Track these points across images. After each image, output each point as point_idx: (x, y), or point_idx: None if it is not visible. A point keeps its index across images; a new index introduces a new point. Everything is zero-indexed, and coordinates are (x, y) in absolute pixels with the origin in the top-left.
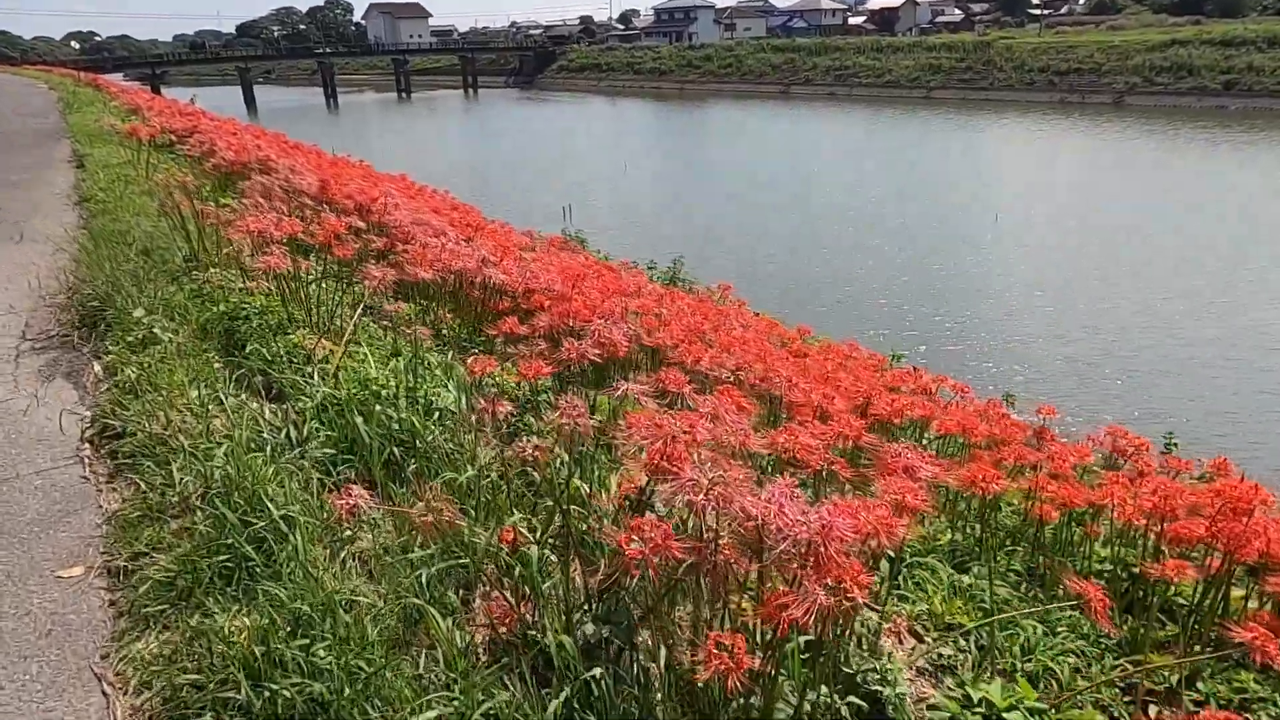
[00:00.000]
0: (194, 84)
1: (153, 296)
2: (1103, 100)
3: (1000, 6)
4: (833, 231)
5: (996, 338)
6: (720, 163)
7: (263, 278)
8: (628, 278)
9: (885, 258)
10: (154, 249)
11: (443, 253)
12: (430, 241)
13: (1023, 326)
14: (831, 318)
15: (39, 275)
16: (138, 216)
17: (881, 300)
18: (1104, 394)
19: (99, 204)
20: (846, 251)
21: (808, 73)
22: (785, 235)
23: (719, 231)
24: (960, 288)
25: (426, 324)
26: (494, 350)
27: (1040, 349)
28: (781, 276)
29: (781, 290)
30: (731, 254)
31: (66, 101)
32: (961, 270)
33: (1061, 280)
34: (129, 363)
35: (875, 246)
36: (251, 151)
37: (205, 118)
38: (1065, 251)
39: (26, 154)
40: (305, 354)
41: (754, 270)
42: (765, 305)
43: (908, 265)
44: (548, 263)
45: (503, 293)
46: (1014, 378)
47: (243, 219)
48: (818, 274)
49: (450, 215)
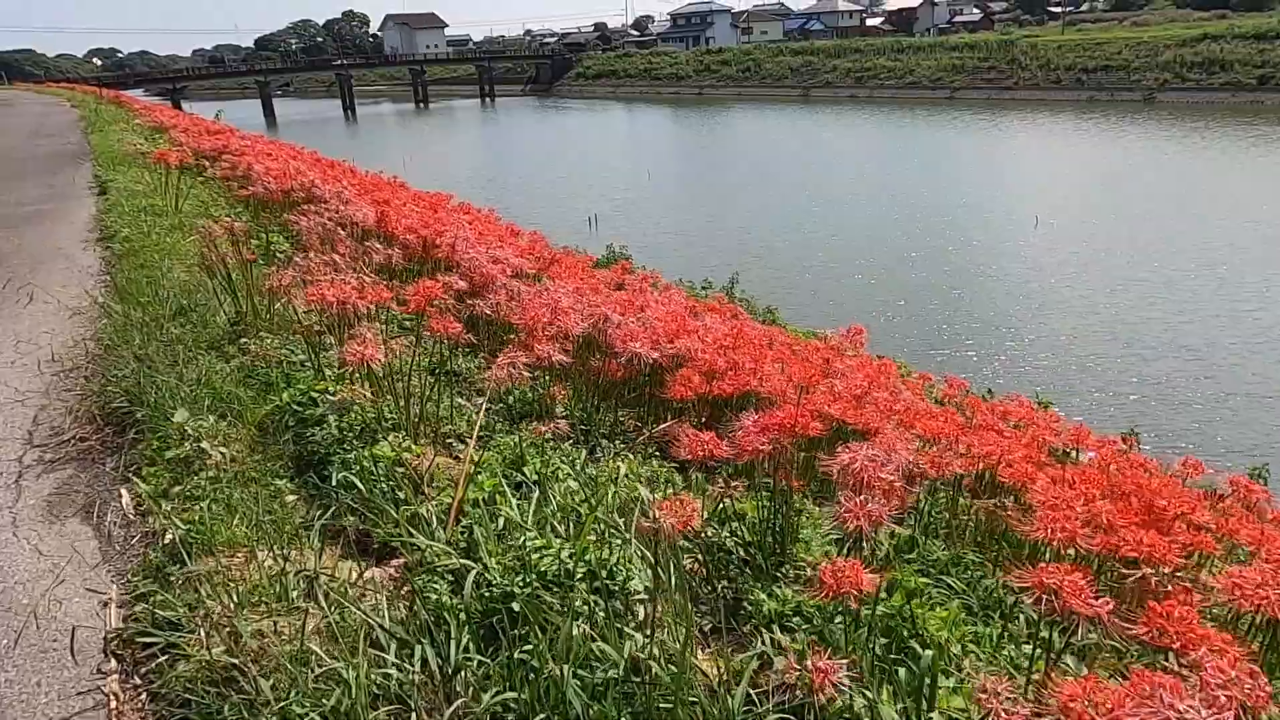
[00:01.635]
0: (213, 98)
1: (195, 383)
2: (1133, 97)
3: (1019, 5)
4: (870, 238)
5: (1069, 357)
6: (745, 168)
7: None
8: (782, 337)
9: (932, 267)
10: (191, 305)
11: (556, 313)
12: (515, 287)
13: (1094, 344)
14: (887, 334)
15: (53, 347)
16: (168, 259)
17: (931, 310)
18: (1190, 419)
19: (124, 243)
20: (888, 261)
21: (827, 75)
22: (820, 242)
23: (750, 239)
24: (1015, 300)
25: (544, 409)
26: (627, 440)
27: (1117, 367)
28: (822, 287)
29: (825, 303)
30: (763, 262)
31: (88, 120)
32: (1013, 281)
33: (1123, 289)
34: (168, 496)
35: (919, 256)
36: (293, 176)
37: (234, 136)
38: (1123, 259)
39: (46, 180)
40: (411, 476)
41: (793, 280)
42: (810, 320)
43: (956, 275)
44: (676, 316)
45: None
46: (1103, 406)
47: (315, 284)
48: (860, 284)
49: (512, 243)
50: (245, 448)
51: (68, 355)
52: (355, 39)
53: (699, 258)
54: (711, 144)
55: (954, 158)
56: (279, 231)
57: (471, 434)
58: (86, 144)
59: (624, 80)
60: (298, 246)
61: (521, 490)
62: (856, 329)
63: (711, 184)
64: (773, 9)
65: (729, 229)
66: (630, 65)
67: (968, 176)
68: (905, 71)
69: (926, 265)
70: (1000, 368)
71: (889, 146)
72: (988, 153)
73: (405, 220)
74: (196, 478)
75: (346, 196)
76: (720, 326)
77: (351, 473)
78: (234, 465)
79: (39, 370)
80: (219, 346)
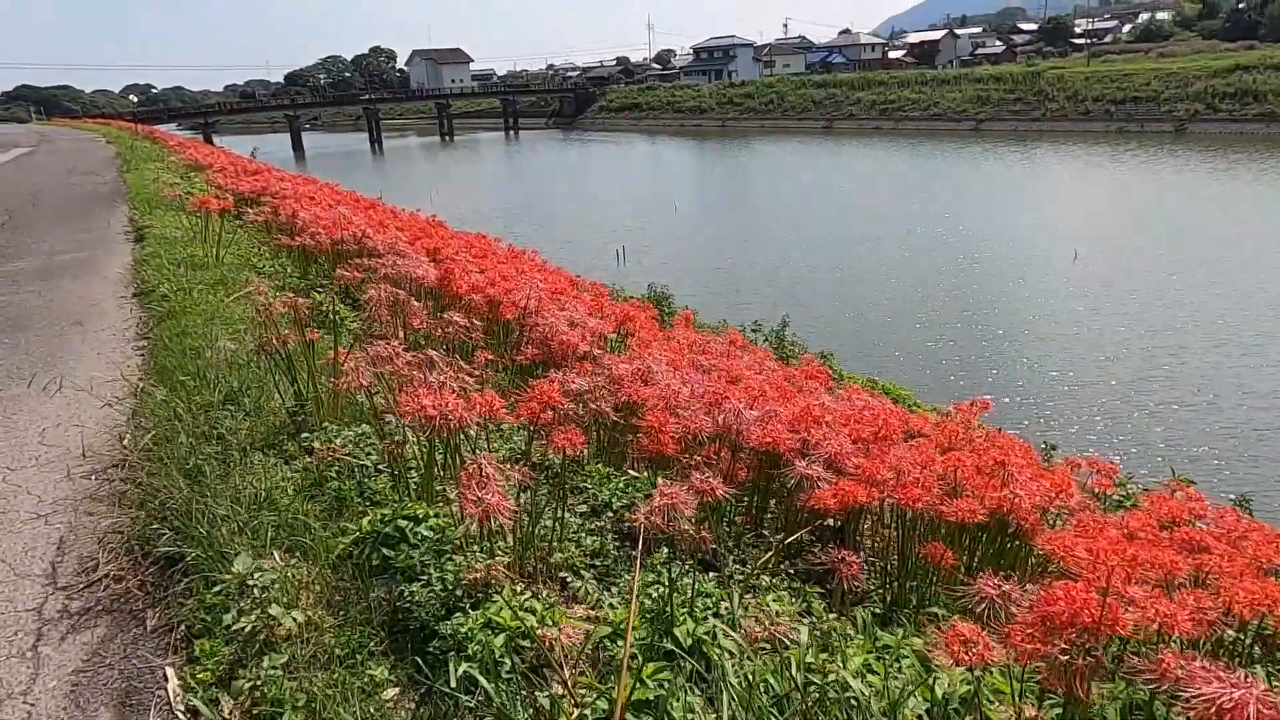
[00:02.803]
0: (244, 132)
1: (252, 504)
2: (1164, 128)
3: (1042, 37)
4: (910, 275)
5: (1132, 403)
6: (773, 201)
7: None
8: (899, 413)
9: (974, 304)
10: (242, 387)
11: (668, 399)
12: (604, 360)
13: (1159, 390)
14: (936, 378)
15: (84, 440)
16: (212, 323)
17: (977, 349)
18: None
19: (162, 302)
20: (929, 298)
21: (851, 107)
22: (859, 278)
23: (785, 275)
24: (1062, 340)
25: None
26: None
27: (1188, 417)
28: (866, 328)
29: (869, 344)
30: (800, 298)
31: (124, 157)
32: (1056, 319)
33: (1182, 329)
34: (229, 688)
35: (960, 292)
36: (343, 225)
37: (273, 176)
38: (1175, 296)
39: (80, 224)
40: (544, 656)
41: (835, 319)
42: (857, 363)
43: (998, 312)
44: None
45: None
46: (1179, 461)
47: (408, 390)
48: (903, 324)
49: (575, 295)
50: (322, 603)
51: (102, 449)
52: (382, 74)
53: (734, 293)
54: (737, 176)
55: (989, 190)
56: (331, 287)
57: (609, 581)
58: (122, 183)
59: (647, 113)
60: (355, 306)
61: (674, 663)
62: (982, 403)
63: (740, 217)
64: (795, 42)
65: (762, 264)
66: (653, 98)
67: (1004, 209)
68: (930, 103)
69: (969, 302)
70: (1055, 413)
71: (920, 179)
72: (1023, 185)
73: (470, 278)
74: (264, 661)
75: (400, 247)
76: (846, 408)
77: (472, 661)
78: (311, 635)
79: (68, 474)
80: (278, 443)
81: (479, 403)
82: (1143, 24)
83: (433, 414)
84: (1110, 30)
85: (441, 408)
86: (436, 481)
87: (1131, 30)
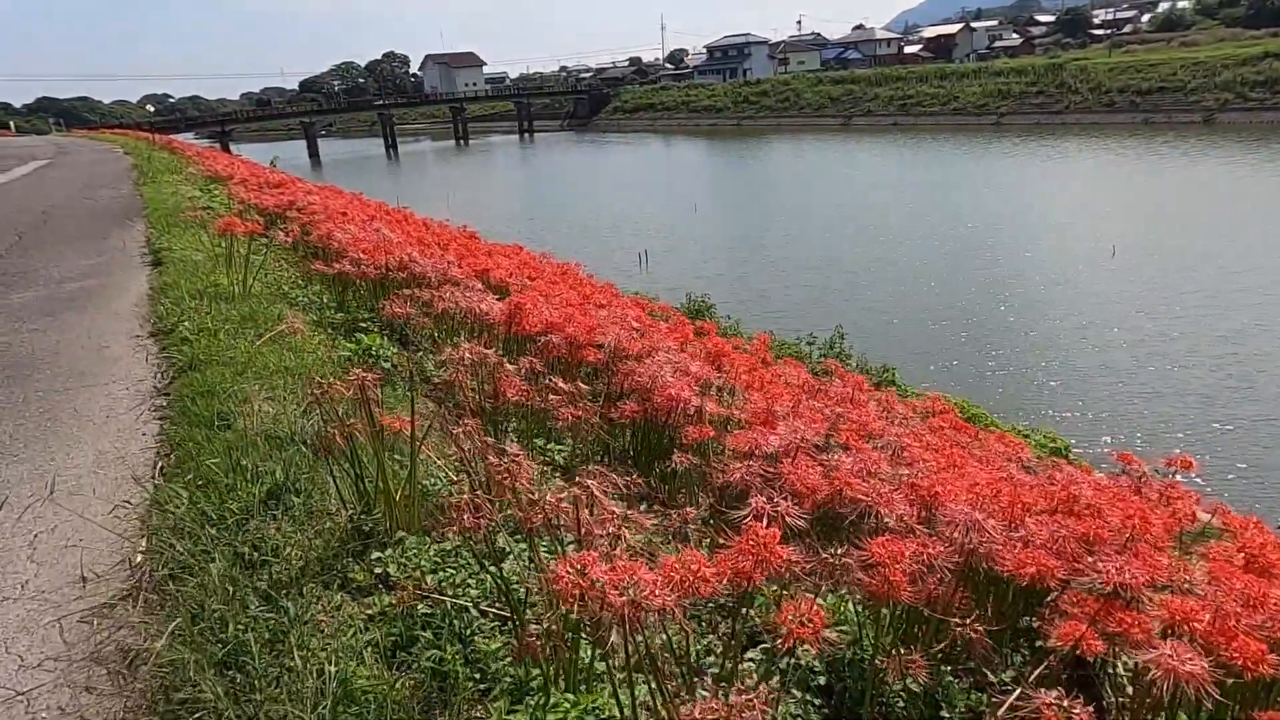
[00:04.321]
0: (260, 140)
1: (320, 692)
2: (1192, 119)
3: (1060, 28)
4: (946, 276)
5: (1203, 416)
6: (794, 199)
7: None
8: None
9: (1013, 305)
10: (290, 480)
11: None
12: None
13: (1218, 398)
14: (980, 387)
15: (83, 567)
16: (243, 377)
17: (1020, 355)
18: None
19: (183, 347)
20: (968, 299)
21: (869, 104)
22: (894, 280)
23: (812, 275)
24: (1102, 342)
25: None
26: None
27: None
28: (909, 335)
29: (913, 353)
30: (828, 301)
31: (141, 169)
32: (1097, 320)
33: (1237, 338)
34: None
35: (998, 292)
36: (387, 249)
37: (299, 188)
38: (1230, 299)
39: (94, 244)
40: None
41: (875, 326)
42: (912, 374)
43: (1037, 313)
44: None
45: None
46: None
47: (561, 563)
48: (943, 329)
49: (647, 322)
50: None
51: (108, 572)
52: (396, 79)
53: (763, 299)
54: (755, 175)
55: (1019, 185)
56: (373, 323)
57: None
58: (139, 196)
59: (661, 113)
60: (403, 342)
61: None
62: (1184, 461)
63: (761, 217)
64: (809, 39)
65: (789, 265)
66: (668, 98)
67: (1037, 205)
68: (949, 98)
69: (1009, 303)
70: (1124, 426)
71: (947, 175)
72: (1054, 179)
73: (540, 313)
74: None
75: (453, 273)
76: (1047, 485)
77: None
78: None
79: (58, 622)
80: (341, 568)
81: (676, 572)
82: (1163, 13)
83: (616, 601)
84: (1130, 20)
85: (624, 585)
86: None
87: (1152, 20)
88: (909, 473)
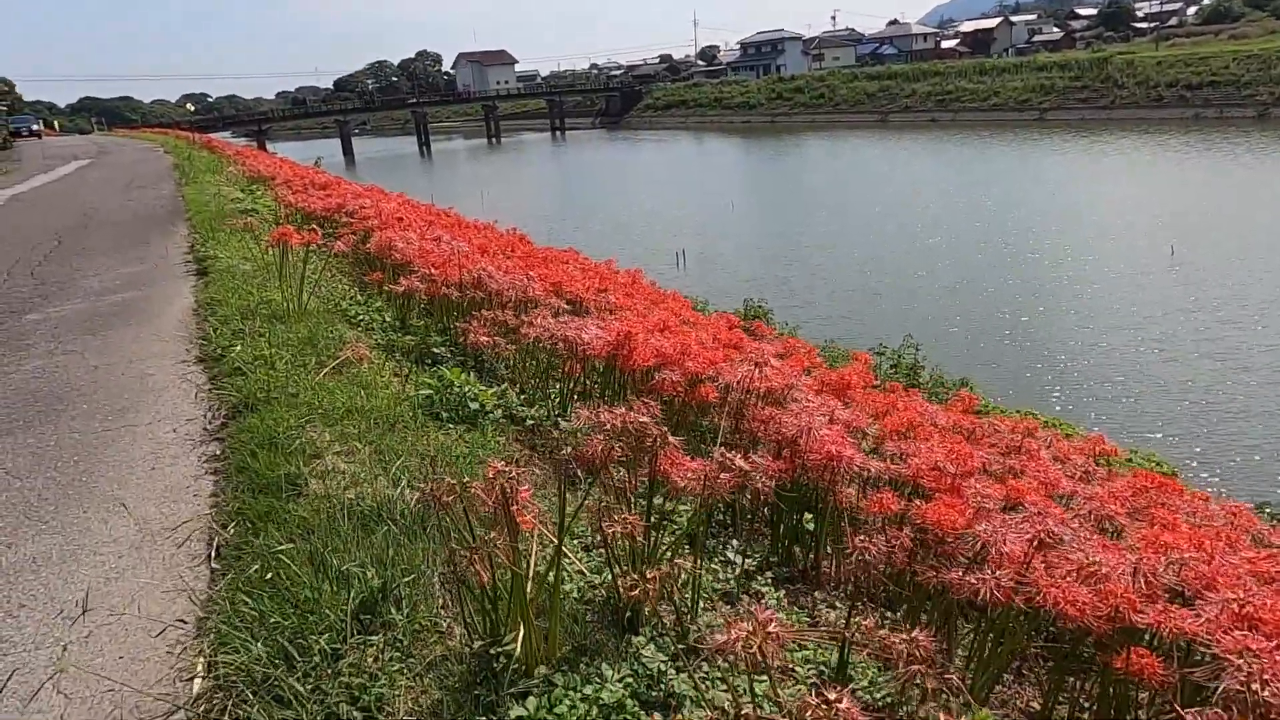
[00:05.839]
0: (295, 138)
1: None
2: (1245, 114)
3: (1102, 21)
4: (993, 277)
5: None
6: (834, 198)
7: None
8: None
9: (1074, 310)
10: (388, 583)
11: None
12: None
13: None
14: (1042, 395)
15: (124, 709)
16: (309, 422)
17: (1081, 361)
18: None
19: (236, 379)
20: (1025, 303)
21: (906, 99)
22: (939, 281)
23: (852, 277)
24: (1165, 347)
25: None
26: None
27: None
28: (969, 341)
29: (974, 362)
30: (876, 302)
31: (182, 169)
32: (1158, 324)
33: None
34: None
35: (1055, 297)
36: (459, 262)
37: (346, 188)
38: None
39: (136, 251)
40: None
41: (936, 333)
42: (989, 385)
43: (1096, 316)
44: None
45: None
46: None
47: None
48: (1004, 334)
49: (747, 343)
50: None
51: (152, 707)
52: (429, 78)
53: (808, 302)
54: (791, 173)
55: (1069, 183)
56: (451, 351)
57: None
58: (180, 198)
59: (694, 110)
60: (480, 370)
61: None
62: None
63: (799, 215)
64: (843, 35)
65: (830, 267)
66: (700, 95)
67: (1093, 203)
68: (990, 93)
69: (1072, 310)
70: (1202, 441)
71: (991, 172)
72: (1107, 179)
73: (650, 343)
74: None
75: (535, 290)
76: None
77: None
78: None
79: None
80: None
81: None
82: (1210, 5)
83: None
84: (1175, 13)
85: None
86: None
87: (1198, 12)
88: (1173, 576)
